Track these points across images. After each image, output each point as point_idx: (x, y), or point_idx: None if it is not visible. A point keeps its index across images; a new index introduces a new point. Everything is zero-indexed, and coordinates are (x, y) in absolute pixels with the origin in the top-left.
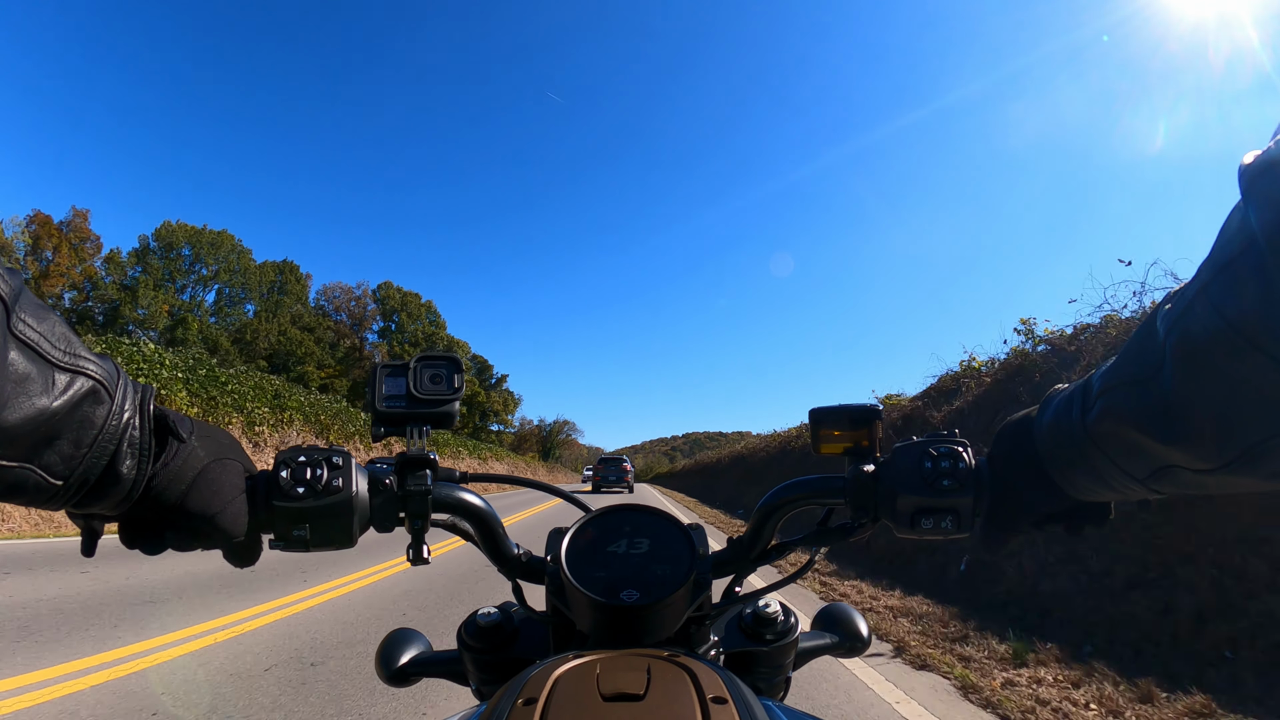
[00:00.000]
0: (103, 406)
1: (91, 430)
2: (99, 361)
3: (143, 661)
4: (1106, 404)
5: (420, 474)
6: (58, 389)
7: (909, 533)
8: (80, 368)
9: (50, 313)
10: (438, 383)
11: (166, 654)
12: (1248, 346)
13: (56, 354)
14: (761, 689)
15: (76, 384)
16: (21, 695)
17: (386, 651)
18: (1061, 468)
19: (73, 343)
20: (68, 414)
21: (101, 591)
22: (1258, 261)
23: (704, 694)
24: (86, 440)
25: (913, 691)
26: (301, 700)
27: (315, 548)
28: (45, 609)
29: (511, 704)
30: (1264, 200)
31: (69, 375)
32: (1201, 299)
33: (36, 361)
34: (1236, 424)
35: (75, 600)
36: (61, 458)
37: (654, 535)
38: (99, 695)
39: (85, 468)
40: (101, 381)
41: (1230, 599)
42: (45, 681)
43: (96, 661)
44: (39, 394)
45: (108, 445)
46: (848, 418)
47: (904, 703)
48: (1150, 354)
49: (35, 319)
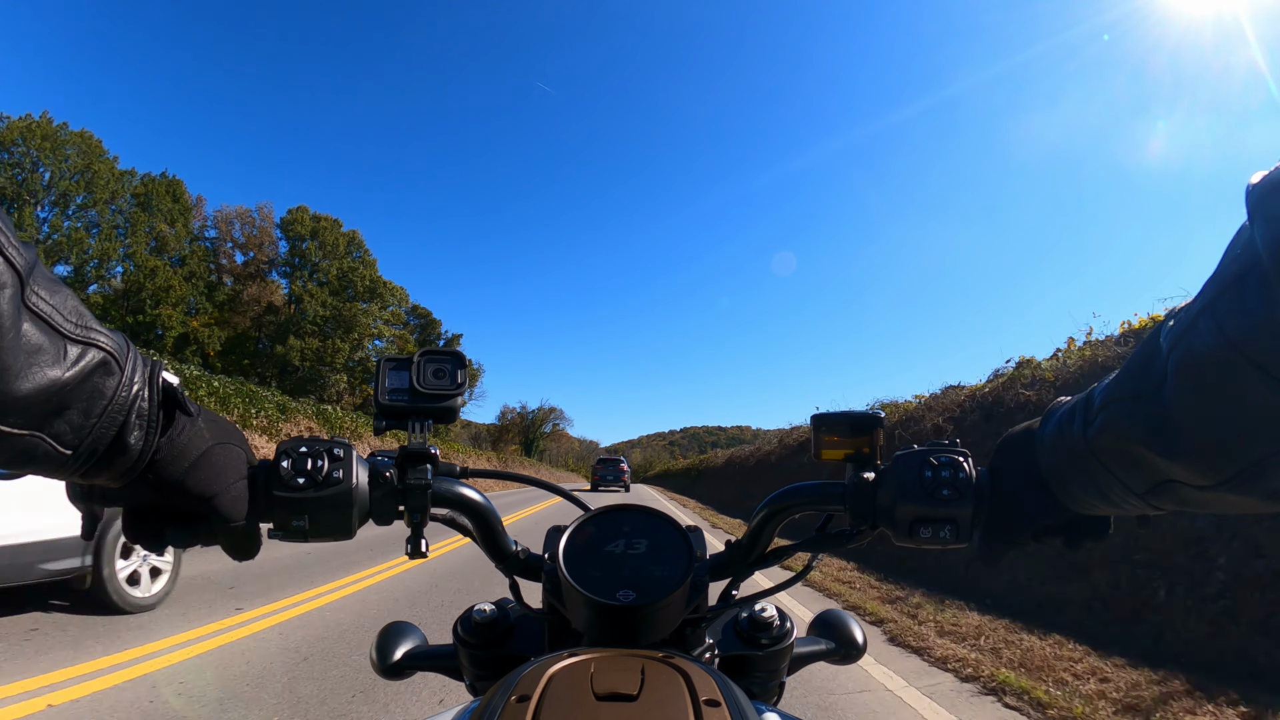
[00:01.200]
0: (113, 378)
1: (101, 401)
2: (110, 334)
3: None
4: (1108, 418)
5: (421, 468)
6: (69, 360)
7: (907, 541)
8: (91, 339)
9: (62, 286)
10: (441, 377)
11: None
12: (1250, 365)
13: (69, 326)
14: (755, 693)
15: (88, 355)
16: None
17: (382, 644)
18: (1062, 480)
19: (84, 315)
20: (79, 384)
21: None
22: (1262, 281)
23: (697, 696)
24: (96, 410)
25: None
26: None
27: (314, 538)
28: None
29: (505, 701)
30: (1270, 220)
31: (80, 347)
32: (1205, 317)
33: (49, 333)
34: (1236, 441)
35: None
36: (71, 427)
37: (652, 536)
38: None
39: (94, 437)
40: (112, 353)
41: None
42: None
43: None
44: (51, 364)
45: (117, 416)
46: (849, 424)
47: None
48: (1153, 369)
49: (48, 292)
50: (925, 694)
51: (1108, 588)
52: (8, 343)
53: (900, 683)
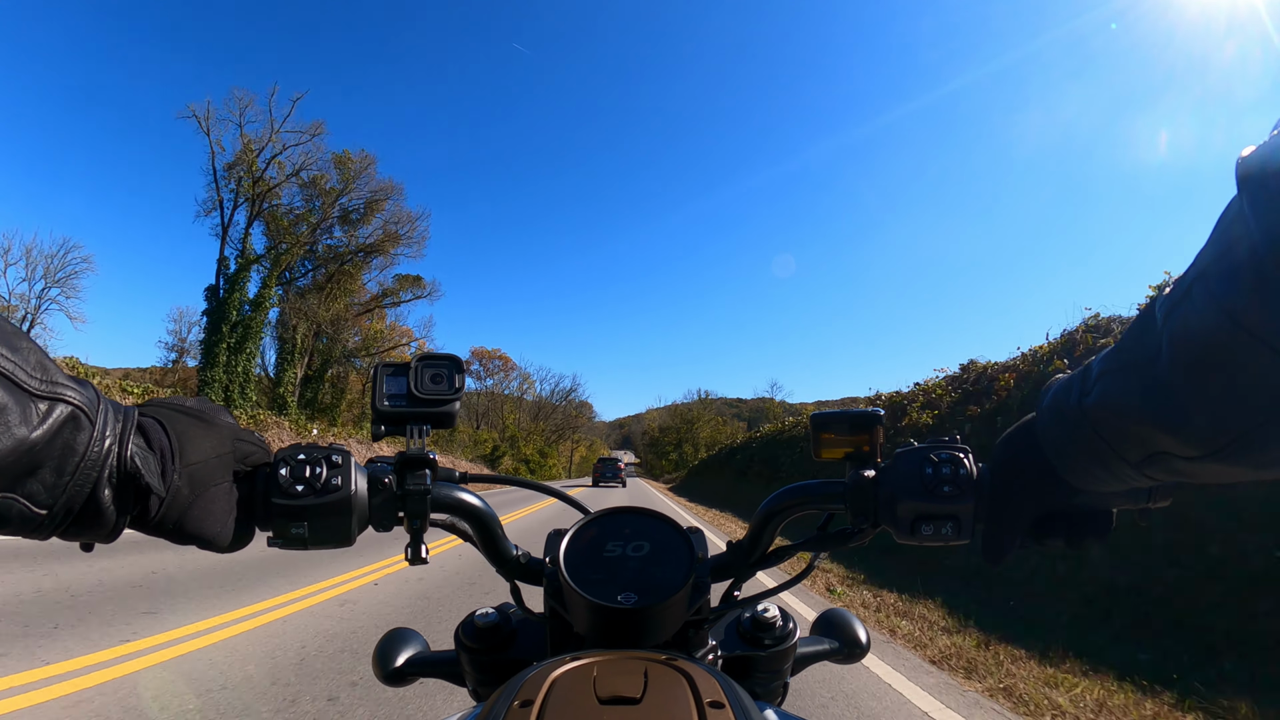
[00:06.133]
0: (83, 433)
1: (74, 457)
2: (78, 388)
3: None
4: (1104, 387)
5: (420, 474)
6: (37, 417)
7: (909, 539)
8: (58, 394)
9: (24, 338)
10: (439, 382)
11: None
12: (1242, 333)
13: (33, 383)
14: (759, 694)
15: (56, 410)
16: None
17: (383, 651)
18: (1062, 453)
19: (49, 369)
20: (48, 442)
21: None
22: (1251, 250)
23: (701, 698)
24: (69, 468)
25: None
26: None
27: (313, 545)
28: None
29: (508, 706)
30: (1260, 192)
31: (48, 403)
32: (1198, 286)
33: (13, 391)
34: (1227, 410)
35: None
36: (45, 487)
37: (653, 538)
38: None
39: (69, 496)
40: (81, 407)
41: None
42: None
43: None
44: (18, 424)
45: (90, 472)
46: (849, 422)
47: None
48: (1149, 339)
49: (9, 348)
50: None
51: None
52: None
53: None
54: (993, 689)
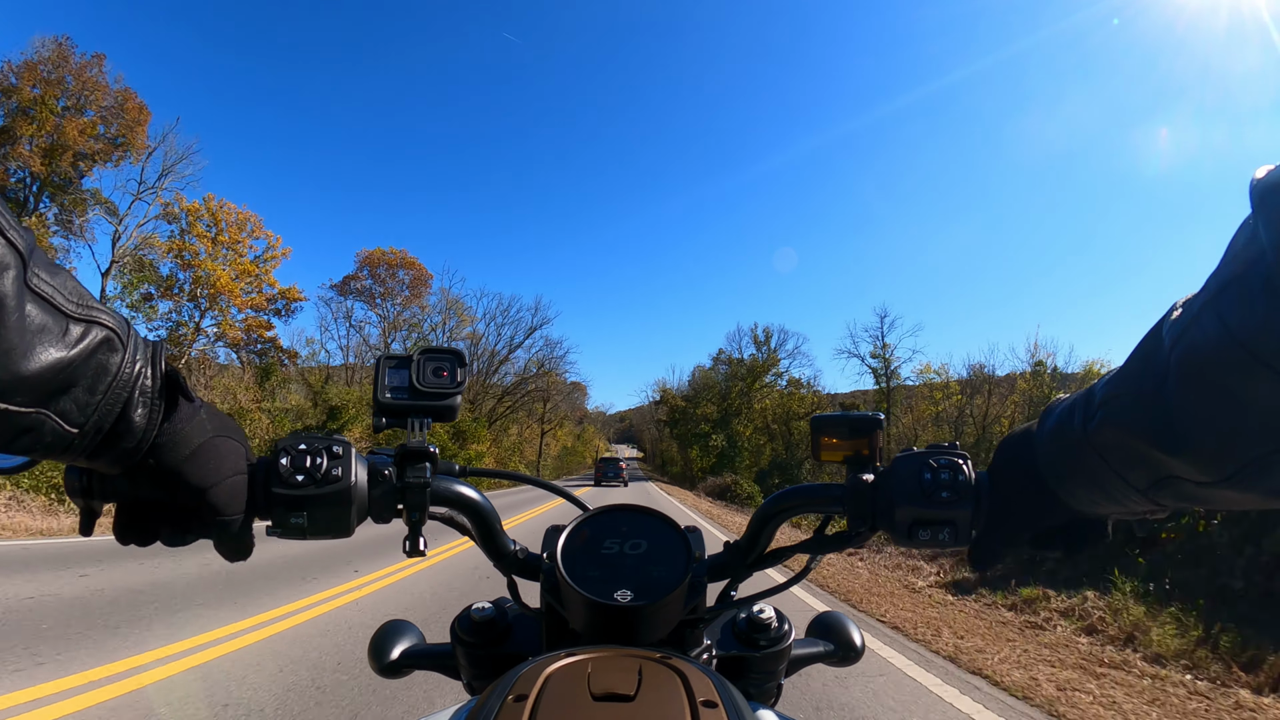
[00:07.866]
0: (116, 355)
1: (106, 377)
2: (111, 313)
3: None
4: (1108, 413)
5: (420, 466)
6: (73, 338)
7: (906, 543)
8: (94, 318)
9: (62, 268)
10: (440, 376)
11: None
12: (1253, 361)
13: (70, 306)
14: (753, 694)
15: (91, 333)
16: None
17: (379, 643)
18: (1061, 477)
19: (85, 295)
20: (83, 362)
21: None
22: (1266, 276)
23: (694, 697)
24: (101, 387)
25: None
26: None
27: (312, 536)
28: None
29: (502, 700)
30: (1274, 215)
31: (84, 325)
32: (1208, 311)
33: (52, 313)
34: (1239, 438)
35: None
36: (77, 405)
37: (651, 537)
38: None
39: (100, 414)
40: (115, 330)
41: None
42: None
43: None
44: (55, 343)
45: (121, 392)
46: (848, 426)
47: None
48: (1155, 364)
49: (49, 273)
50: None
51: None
52: (13, 323)
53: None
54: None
